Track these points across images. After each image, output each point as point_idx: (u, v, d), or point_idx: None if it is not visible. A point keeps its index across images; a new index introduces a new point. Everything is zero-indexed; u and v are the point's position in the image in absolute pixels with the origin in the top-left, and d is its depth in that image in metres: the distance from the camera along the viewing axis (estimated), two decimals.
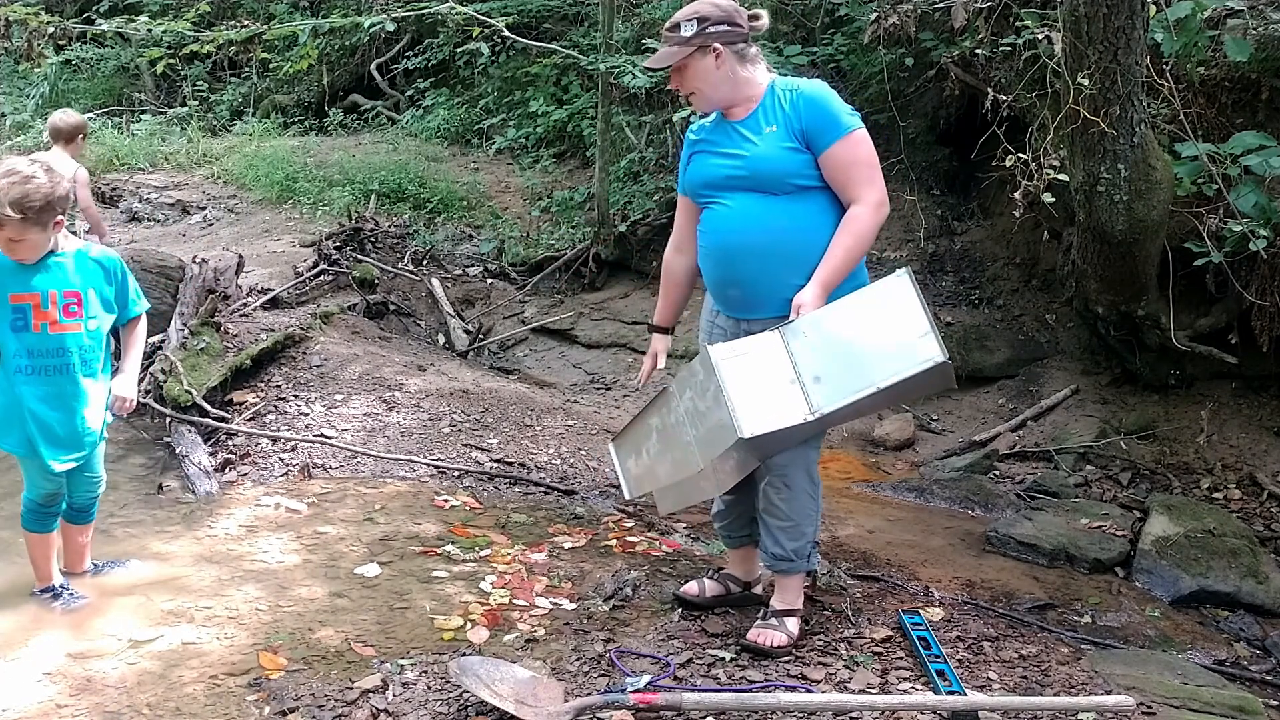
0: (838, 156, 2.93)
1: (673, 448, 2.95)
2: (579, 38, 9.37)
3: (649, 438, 3.08)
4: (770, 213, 2.96)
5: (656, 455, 3.03)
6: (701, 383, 2.83)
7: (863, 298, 2.87)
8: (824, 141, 2.93)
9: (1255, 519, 4.67)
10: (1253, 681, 3.41)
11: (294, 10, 11.96)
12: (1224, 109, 5.17)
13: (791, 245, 2.95)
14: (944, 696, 2.79)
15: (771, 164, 2.96)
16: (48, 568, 3.30)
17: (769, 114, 3.01)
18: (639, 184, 8.04)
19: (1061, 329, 6.14)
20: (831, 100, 2.98)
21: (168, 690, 2.77)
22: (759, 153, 2.98)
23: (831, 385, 2.79)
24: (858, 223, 2.93)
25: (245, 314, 6.05)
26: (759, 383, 2.79)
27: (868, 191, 2.94)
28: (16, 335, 3.07)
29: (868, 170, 2.96)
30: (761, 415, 2.75)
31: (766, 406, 2.77)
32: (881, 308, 2.82)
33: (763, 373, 2.80)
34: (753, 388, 2.77)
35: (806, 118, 2.95)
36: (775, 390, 2.79)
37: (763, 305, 2.99)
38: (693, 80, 3.05)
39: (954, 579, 3.93)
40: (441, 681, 2.83)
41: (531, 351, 7.16)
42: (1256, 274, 4.89)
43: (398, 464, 4.57)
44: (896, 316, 2.79)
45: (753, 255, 2.97)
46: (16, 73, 12.81)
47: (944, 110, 6.96)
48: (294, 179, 9.52)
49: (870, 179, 2.95)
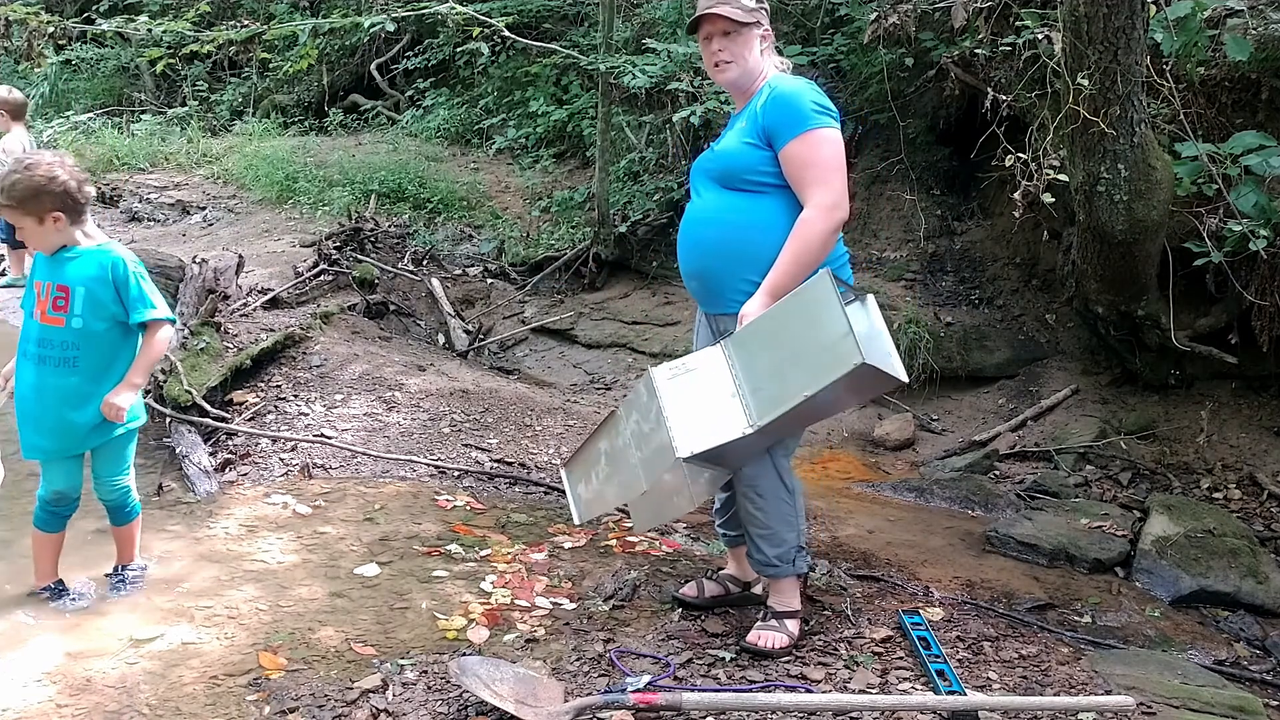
0: (793, 155, 2.85)
1: (620, 470, 2.94)
2: (579, 38, 9.36)
3: (598, 461, 3.05)
4: (727, 209, 2.95)
5: (605, 479, 3.02)
6: (645, 404, 2.85)
7: (792, 302, 2.75)
8: (782, 139, 2.86)
9: (1255, 519, 4.67)
10: (1253, 681, 3.41)
11: (294, 10, 11.96)
12: (1224, 109, 5.17)
13: (743, 243, 2.91)
14: (944, 696, 2.79)
15: (730, 159, 2.95)
16: (48, 566, 3.30)
17: (748, 109, 3.00)
18: (639, 184, 8.04)
19: (1061, 329, 6.14)
20: (800, 98, 2.87)
21: (168, 690, 2.77)
22: (724, 147, 3.00)
23: (767, 396, 2.73)
24: (806, 226, 2.80)
25: (245, 314, 6.05)
26: (701, 400, 2.79)
27: (819, 193, 2.80)
28: (28, 321, 3.22)
29: (822, 171, 2.82)
30: (700, 434, 2.74)
31: (706, 424, 2.76)
32: (806, 312, 2.71)
33: (705, 389, 2.80)
34: (694, 406, 2.78)
35: (767, 114, 2.90)
36: (716, 406, 2.78)
37: (722, 300, 2.98)
38: (739, 48, 2.96)
39: (954, 579, 3.93)
40: (441, 681, 2.83)
41: (531, 351, 7.16)
42: (1256, 274, 4.89)
43: (398, 464, 4.57)
44: (819, 320, 2.67)
45: (709, 249, 2.98)
46: (16, 73, 12.80)
47: (944, 110, 6.95)
48: (294, 179, 9.52)
49: (823, 180, 2.81)
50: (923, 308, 6.37)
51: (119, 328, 3.21)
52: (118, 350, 3.23)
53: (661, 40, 7.38)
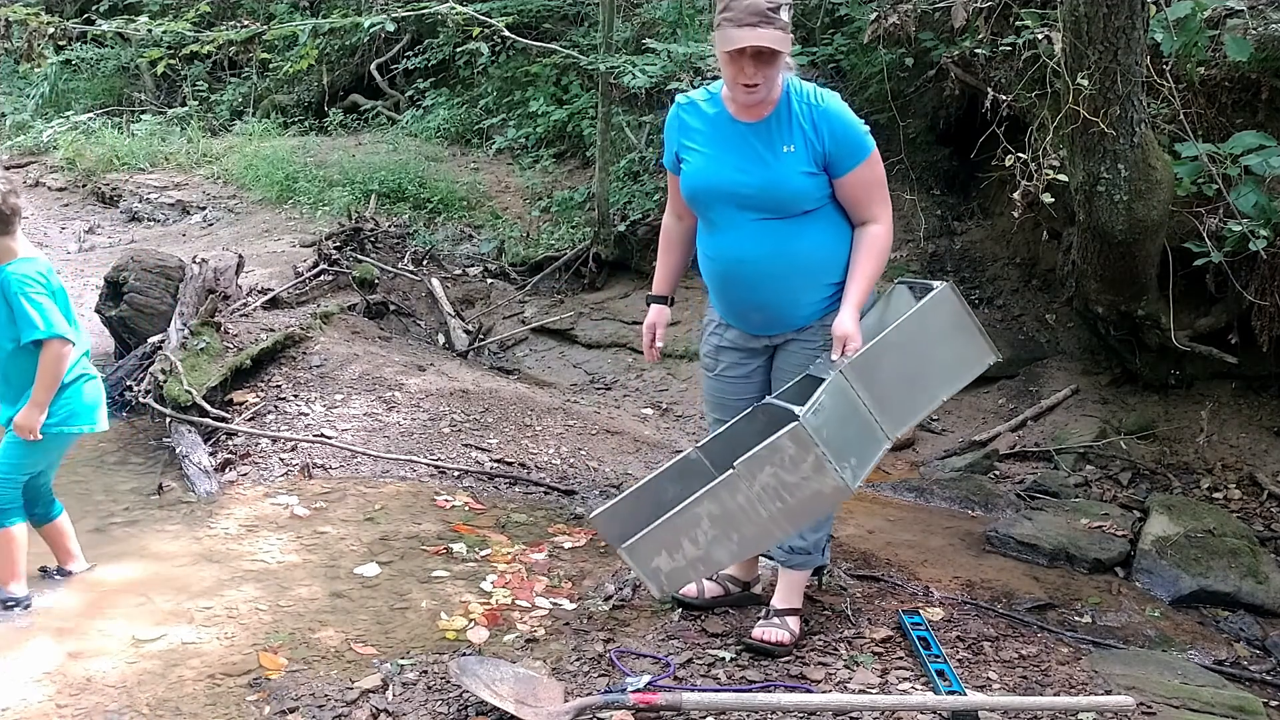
0: (859, 179, 2.88)
1: (741, 527, 2.75)
2: (579, 38, 9.36)
3: (695, 526, 2.76)
4: (788, 237, 2.88)
5: (714, 541, 2.78)
6: (793, 456, 2.66)
7: (914, 317, 2.87)
8: (847, 166, 2.86)
9: (1255, 519, 4.67)
10: (1253, 681, 3.40)
11: (294, 10, 11.96)
12: (1224, 109, 5.17)
13: (811, 267, 2.92)
14: (944, 696, 2.79)
15: (789, 191, 2.85)
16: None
17: (786, 128, 2.85)
18: (639, 184, 8.04)
19: (1061, 329, 6.14)
20: (854, 121, 2.89)
21: (167, 690, 2.77)
22: (776, 177, 2.84)
23: (900, 409, 2.84)
24: (879, 242, 2.92)
25: (245, 314, 6.04)
26: (844, 433, 2.74)
27: (884, 210, 2.92)
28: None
29: (882, 189, 2.92)
30: (858, 466, 2.74)
31: (858, 455, 2.75)
32: (935, 324, 2.88)
33: (842, 420, 2.75)
34: (842, 441, 2.72)
35: (830, 142, 2.83)
36: (857, 433, 2.78)
37: (786, 323, 2.99)
38: (773, 70, 2.79)
39: (954, 579, 3.93)
40: (441, 681, 2.83)
41: (531, 351, 7.16)
42: (1256, 274, 4.89)
43: (398, 464, 4.57)
44: (948, 329, 2.89)
45: (777, 281, 2.91)
46: (16, 73, 12.82)
47: (944, 110, 6.95)
48: (294, 179, 9.52)
49: (885, 198, 2.93)
50: None
51: (31, 346, 3.16)
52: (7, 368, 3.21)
53: (661, 40, 7.38)
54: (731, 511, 2.74)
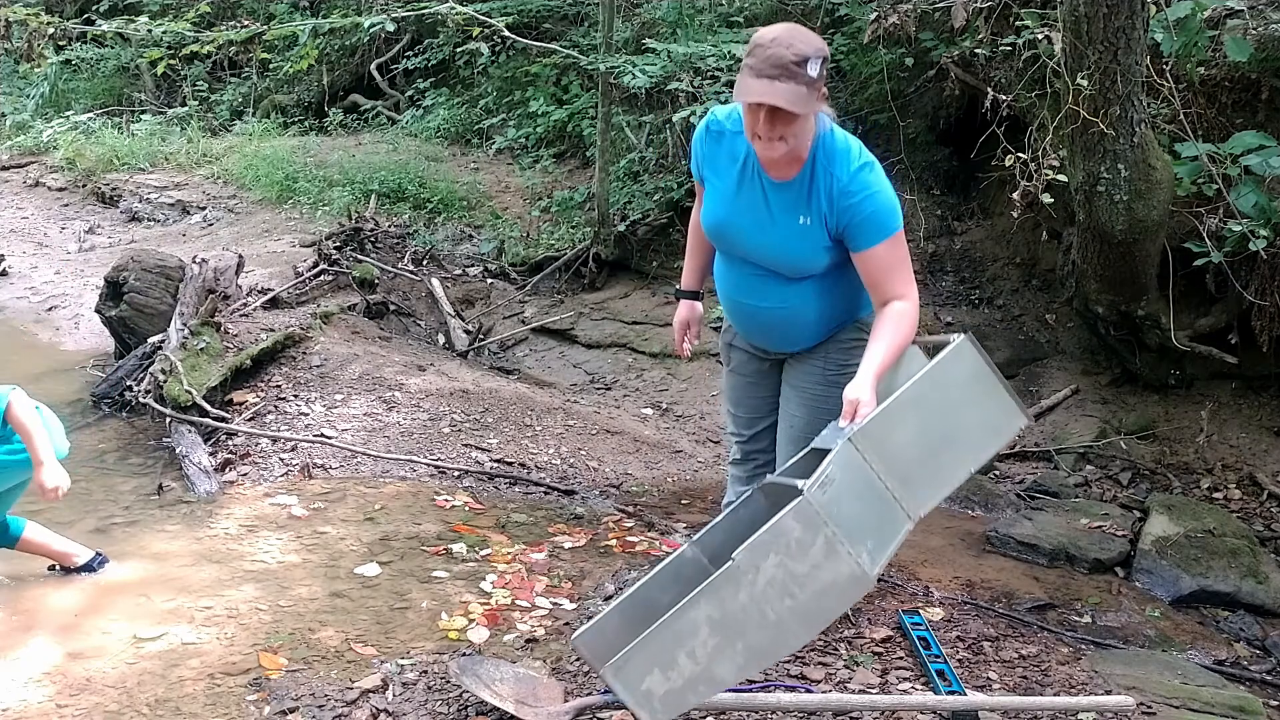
0: (879, 256, 2.68)
1: (747, 632, 2.34)
2: (579, 38, 9.36)
3: (693, 637, 2.33)
4: (808, 295, 2.83)
5: (715, 652, 2.34)
6: (799, 539, 2.32)
7: (927, 378, 2.54)
8: (867, 243, 2.68)
9: (1255, 519, 4.67)
10: (1253, 681, 3.41)
11: (294, 10, 11.95)
12: (1224, 109, 5.17)
13: (829, 311, 2.88)
14: (944, 696, 2.79)
15: (800, 261, 2.76)
16: None
17: (805, 197, 2.70)
18: (639, 184, 8.03)
19: (1061, 329, 6.13)
20: (879, 199, 2.66)
21: (168, 690, 2.77)
22: (787, 246, 2.75)
23: (924, 485, 2.50)
24: (905, 321, 2.66)
25: (245, 314, 6.04)
26: (857, 510, 2.40)
27: (908, 288, 2.69)
28: None
29: (906, 267, 2.71)
30: (876, 550, 2.40)
31: (875, 537, 2.40)
32: (952, 379, 2.54)
33: (855, 495, 2.41)
34: (855, 520, 2.38)
35: (847, 222, 2.67)
36: (873, 510, 2.43)
37: (791, 347, 2.98)
38: (796, 128, 2.57)
39: (954, 579, 3.93)
40: (441, 681, 2.83)
41: (531, 351, 7.15)
42: (1256, 274, 4.89)
43: (398, 464, 4.57)
44: (971, 391, 2.54)
45: (799, 328, 2.90)
46: (16, 73, 12.82)
47: (944, 110, 6.95)
48: (294, 179, 9.51)
49: (908, 276, 2.70)
50: (923, 308, 6.35)
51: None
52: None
53: (661, 40, 7.37)
54: (734, 614, 2.33)
